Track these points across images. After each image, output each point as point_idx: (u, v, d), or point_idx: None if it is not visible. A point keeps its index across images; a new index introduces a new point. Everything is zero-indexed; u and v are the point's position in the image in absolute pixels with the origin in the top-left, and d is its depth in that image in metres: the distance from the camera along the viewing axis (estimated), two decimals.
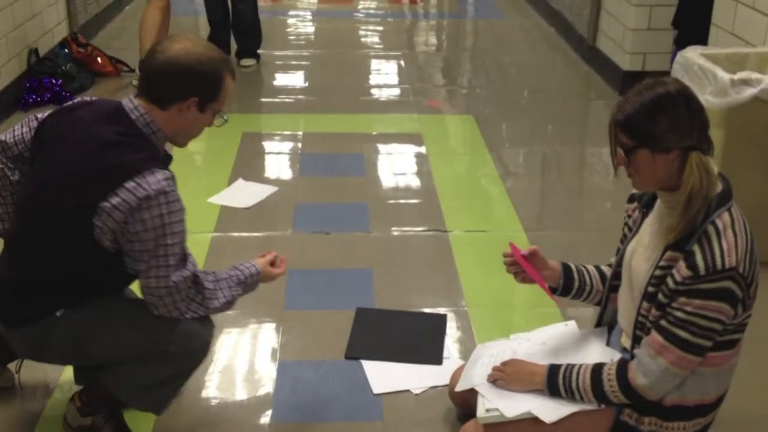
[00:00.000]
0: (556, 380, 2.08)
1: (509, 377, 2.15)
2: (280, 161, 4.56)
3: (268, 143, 4.80)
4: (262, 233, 3.69)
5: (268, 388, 2.69)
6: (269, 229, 3.73)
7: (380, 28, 7.42)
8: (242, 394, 2.64)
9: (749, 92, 3.15)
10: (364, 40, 7.05)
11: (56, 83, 5.14)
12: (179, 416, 2.52)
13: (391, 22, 7.66)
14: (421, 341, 2.91)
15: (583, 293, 2.28)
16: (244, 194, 4.01)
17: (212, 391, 2.67)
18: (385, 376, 2.73)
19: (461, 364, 2.53)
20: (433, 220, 3.83)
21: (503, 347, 2.34)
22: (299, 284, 3.29)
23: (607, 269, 2.29)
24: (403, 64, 6.31)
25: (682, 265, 1.89)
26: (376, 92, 5.68)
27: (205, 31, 6.36)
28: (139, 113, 2.17)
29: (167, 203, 2.07)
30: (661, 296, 1.94)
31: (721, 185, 1.94)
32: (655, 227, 2.04)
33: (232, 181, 4.16)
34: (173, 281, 2.12)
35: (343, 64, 6.29)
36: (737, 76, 3.19)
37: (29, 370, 2.55)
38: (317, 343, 2.92)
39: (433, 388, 2.67)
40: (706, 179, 1.89)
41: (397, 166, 4.48)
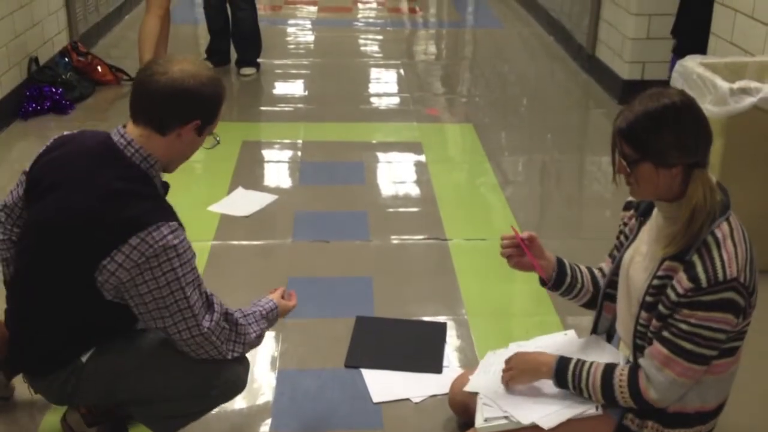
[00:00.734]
0: (565, 374, 2.06)
1: (517, 371, 2.14)
2: (279, 170, 4.56)
3: (267, 152, 4.80)
4: (261, 242, 3.69)
5: (267, 396, 2.68)
6: (269, 237, 3.73)
7: (380, 37, 7.43)
8: (242, 402, 2.63)
9: (748, 101, 3.16)
10: (363, 49, 7.06)
11: (56, 92, 5.15)
12: None
13: (390, 31, 7.68)
14: (420, 350, 2.91)
15: (573, 290, 2.26)
16: (243, 202, 4.01)
17: None
18: (384, 384, 2.72)
19: (461, 372, 2.52)
20: (432, 228, 3.83)
21: None
22: (299, 292, 3.24)
23: (598, 273, 2.29)
24: (402, 72, 6.32)
25: (682, 276, 1.88)
26: (375, 101, 5.69)
27: (204, 39, 6.37)
28: (134, 149, 2.03)
29: (177, 256, 1.97)
30: (662, 308, 1.93)
31: (720, 195, 1.93)
32: (652, 236, 2.03)
33: (231, 189, 4.16)
34: (207, 328, 2.05)
35: (342, 72, 6.30)
36: (736, 85, 3.20)
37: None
38: (317, 351, 2.92)
39: (432, 396, 2.66)
40: (710, 196, 1.88)
41: (396, 174, 4.48)
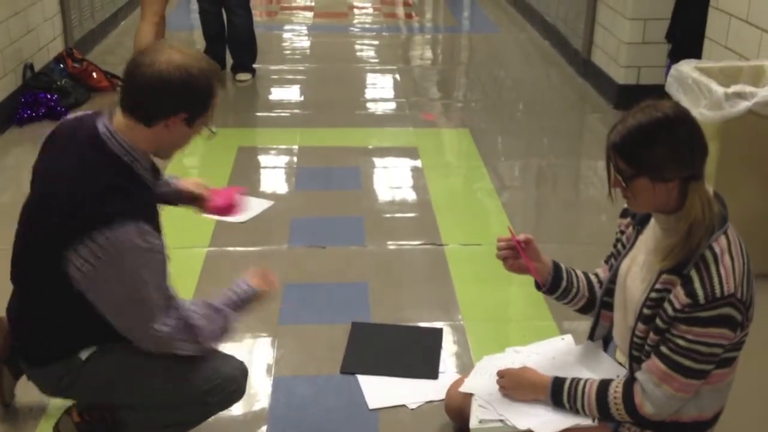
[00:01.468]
0: (560, 396, 2.07)
1: (510, 390, 2.15)
2: (275, 175, 4.56)
3: (263, 157, 4.80)
4: (257, 248, 3.68)
5: (263, 403, 2.67)
6: (265, 243, 3.72)
7: (376, 42, 7.44)
8: (237, 409, 2.62)
9: (743, 105, 3.16)
10: (359, 54, 7.06)
11: (51, 98, 5.14)
12: None
13: (386, 36, 7.68)
14: (417, 355, 2.90)
15: (568, 295, 2.25)
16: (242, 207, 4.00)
17: None
18: (380, 390, 2.72)
19: (458, 378, 2.52)
20: (428, 233, 3.82)
21: (511, 359, 2.32)
22: (294, 298, 3.28)
23: (594, 278, 2.28)
24: (398, 78, 6.32)
25: (680, 291, 1.86)
26: (371, 106, 5.69)
27: (200, 45, 6.36)
28: (116, 141, 2.02)
29: (140, 257, 1.95)
30: (659, 322, 1.91)
31: (717, 208, 1.90)
32: (650, 246, 2.01)
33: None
34: (160, 332, 2.03)
35: (338, 78, 6.30)
36: (731, 89, 3.20)
37: (23, 385, 2.53)
38: (313, 357, 2.91)
39: (429, 402, 2.66)
40: (708, 209, 1.86)
41: (392, 179, 4.48)
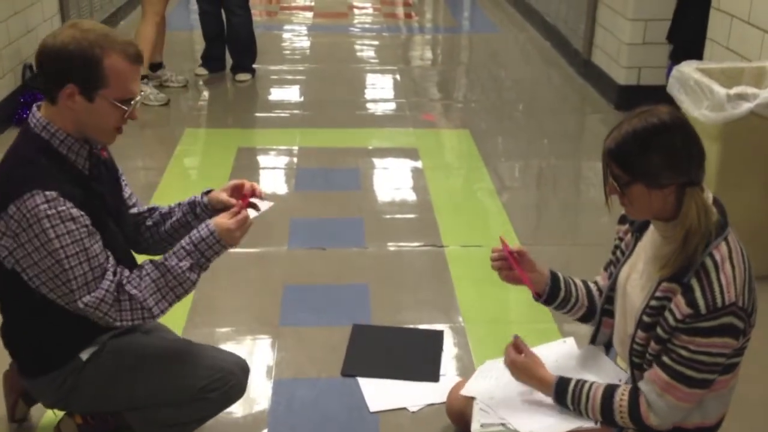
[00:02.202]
0: (564, 395, 2.05)
1: (517, 375, 2.13)
2: (275, 176, 4.55)
3: (263, 158, 4.78)
4: (257, 249, 3.67)
5: (263, 405, 2.66)
6: (264, 244, 3.71)
7: (376, 42, 7.43)
8: (238, 412, 2.61)
9: (745, 107, 3.15)
10: (359, 54, 7.05)
11: None
12: None
13: (386, 36, 7.67)
14: (417, 358, 2.89)
15: (567, 304, 2.24)
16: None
17: None
18: (381, 393, 2.70)
19: (458, 380, 2.50)
20: (429, 235, 3.81)
21: None
22: (295, 300, 3.27)
23: (593, 286, 2.26)
24: (398, 78, 6.31)
25: (681, 301, 1.84)
26: (371, 107, 5.68)
27: (200, 45, 6.36)
28: (35, 119, 2.06)
29: (52, 227, 1.95)
30: (660, 332, 1.90)
31: (716, 213, 1.88)
32: (649, 254, 1.99)
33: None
34: (84, 303, 2.01)
35: (338, 78, 6.29)
36: (733, 90, 3.19)
37: None
38: (313, 360, 2.90)
39: (430, 405, 2.65)
40: (704, 216, 1.84)
41: (392, 180, 4.47)
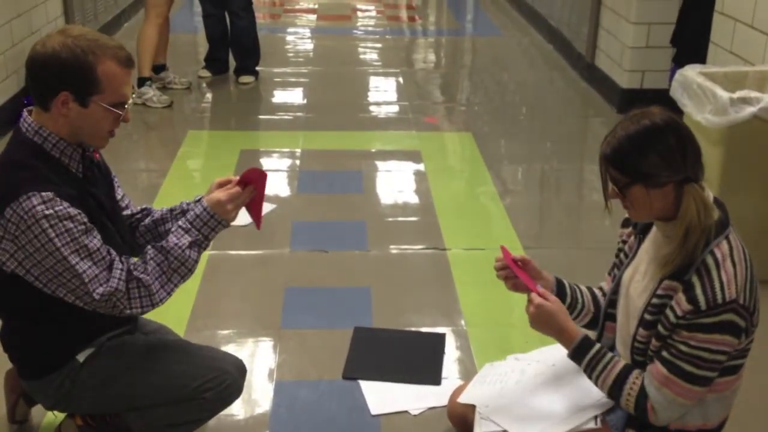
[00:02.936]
0: (583, 355, 2.01)
1: (537, 324, 2.05)
2: (278, 178, 4.54)
3: (266, 160, 4.78)
4: (259, 251, 3.67)
5: (264, 407, 2.66)
6: (267, 247, 3.71)
7: (379, 45, 7.43)
8: (238, 414, 2.61)
9: (748, 111, 3.15)
10: (362, 57, 7.06)
11: None
12: None
13: (389, 39, 7.67)
14: (419, 361, 2.89)
15: (573, 311, 2.23)
16: (241, 211, 3.98)
17: None
18: (383, 396, 2.70)
19: (460, 384, 2.50)
20: (431, 238, 3.81)
21: (512, 367, 2.31)
22: (297, 303, 3.27)
23: (599, 292, 2.26)
24: (401, 81, 6.31)
25: (681, 298, 1.85)
26: (374, 109, 5.68)
27: (203, 48, 6.37)
28: (27, 123, 2.07)
29: (51, 227, 1.95)
30: (661, 328, 1.90)
31: (717, 212, 1.90)
32: (651, 254, 2.01)
33: None
34: (99, 295, 2.01)
35: (341, 81, 6.29)
36: (736, 94, 3.19)
37: None
38: (315, 362, 2.90)
39: (431, 408, 2.64)
40: (703, 212, 1.85)
41: (395, 183, 4.46)
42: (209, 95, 5.93)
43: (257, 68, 6.15)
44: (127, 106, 2.08)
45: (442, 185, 4.39)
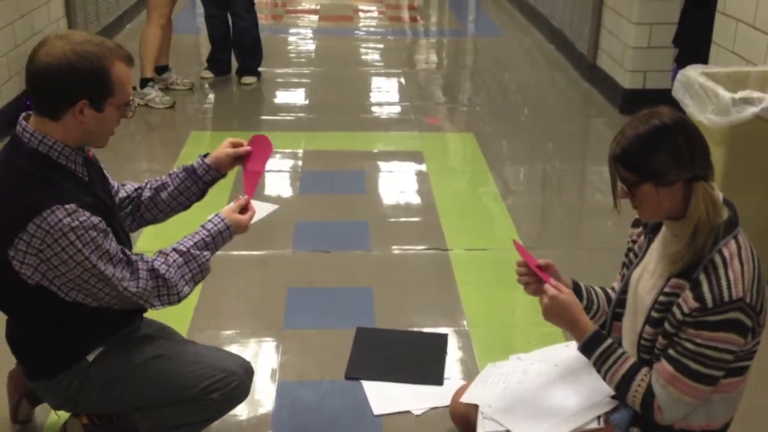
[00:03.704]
0: (594, 349, 2.01)
1: (550, 315, 2.05)
2: (280, 179, 4.55)
3: (268, 160, 4.77)
4: (261, 251, 3.67)
5: (267, 408, 2.66)
6: (269, 247, 3.71)
7: (381, 45, 7.44)
8: (241, 414, 2.61)
9: (751, 111, 3.15)
10: (364, 57, 7.06)
11: None
12: None
13: (391, 40, 7.68)
14: (421, 361, 2.89)
15: (588, 312, 2.23)
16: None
17: None
18: (385, 396, 2.70)
19: (462, 384, 2.50)
20: (433, 238, 3.81)
21: (514, 367, 2.31)
22: (299, 303, 3.27)
23: (612, 292, 2.27)
24: (403, 81, 6.31)
25: (688, 295, 1.86)
26: (376, 110, 5.69)
27: (206, 48, 6.38)
28: (29, 134, 2.04)
29: (78, 238, 1.97)
30: (668, 326, 1.91)
31: (727, 212, 1.91)
32: (660, 253, 2.02)
33: (232, 198, 4.12)
34: (133, 293, 2.08)
35: (343, 81, 6.30)
36: (738, 95, 3.19)
37: None
38: (317, 362, 2.90)
39: (434, 409, 2.64)
40: (712, 210, 1.87)
41: (397, 184, 4.47)
42: (211, 96, 5.94)
43: (259, 69, 6.16)
44: (131, 102, 2.11)
45: (444, 186, 4.40)
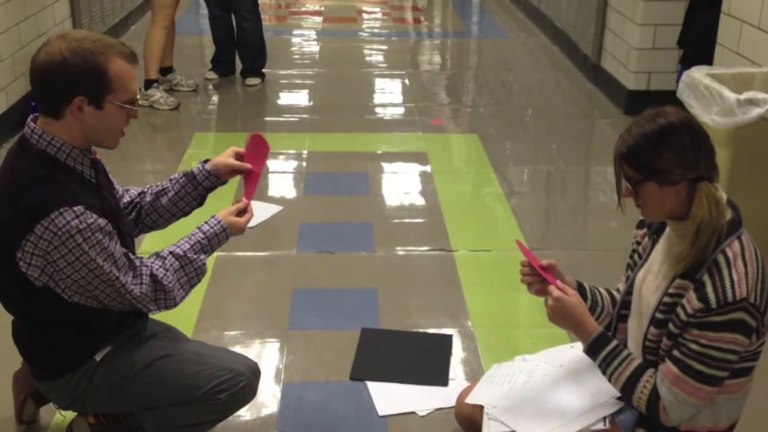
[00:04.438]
0: (599, 350, 2.01)
1: (555, 317, 2.05)
2: (284, 180, 4.55)
3: (272, 162, 4.79)
4: (266, 253, 3.68)
5: (272, 408, 2.67)
6: (274, 248, 3.72)
7: (384, 47, 7.44)
8: (246, 415, 2.61)
9: (756, 112, 3.15)
10: (368, 59, 7.06)
11: None
12: None
13: (395, 41, 7.68)
14: (426, 362, 2.89)
15: (593, 313, 2.24)
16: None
17: None
18: (390, 397, 2.70)
19: (467, 385, 2.50)
20: (438, 239, 3.81)
21: (519, 368, 2.31)
22: (304, 304, 3.27)
23: (616, 294, 2.27)
24: (407, 83, 6.32)
25: (692, 296, 1.86)
26: (380, 111, 5.69)
27: (210, 50, 6.39)
28: (37, 135, 2.05)
29: (85, 240, 1.99)
30: (672, 327, 1.91)
31: (730, 213, 1.91)
32: (664, 253, 2.02)
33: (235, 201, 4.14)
34: (138, 294, 2.10)
35: (347, 83, 6.30)
36: (743, 96, 3.19)
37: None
38: (322, 363, 2.90)
39: (439, 409, 2.65)
40: (715, 210, 1.87)
41: (401, 185, 4.47)
42: (216, 97, 5.95)
43: (264, 70, 6.17)
44: (136, 100, 2.12)
45: (448, 187, 4.40)
